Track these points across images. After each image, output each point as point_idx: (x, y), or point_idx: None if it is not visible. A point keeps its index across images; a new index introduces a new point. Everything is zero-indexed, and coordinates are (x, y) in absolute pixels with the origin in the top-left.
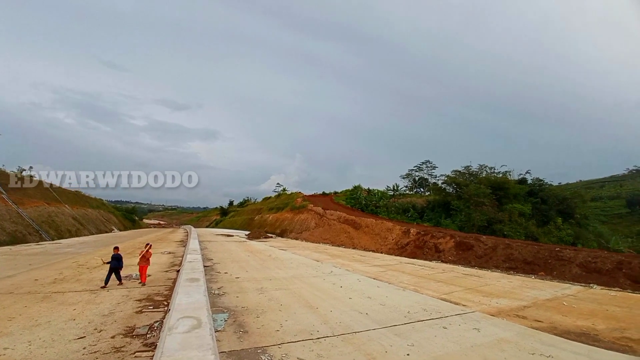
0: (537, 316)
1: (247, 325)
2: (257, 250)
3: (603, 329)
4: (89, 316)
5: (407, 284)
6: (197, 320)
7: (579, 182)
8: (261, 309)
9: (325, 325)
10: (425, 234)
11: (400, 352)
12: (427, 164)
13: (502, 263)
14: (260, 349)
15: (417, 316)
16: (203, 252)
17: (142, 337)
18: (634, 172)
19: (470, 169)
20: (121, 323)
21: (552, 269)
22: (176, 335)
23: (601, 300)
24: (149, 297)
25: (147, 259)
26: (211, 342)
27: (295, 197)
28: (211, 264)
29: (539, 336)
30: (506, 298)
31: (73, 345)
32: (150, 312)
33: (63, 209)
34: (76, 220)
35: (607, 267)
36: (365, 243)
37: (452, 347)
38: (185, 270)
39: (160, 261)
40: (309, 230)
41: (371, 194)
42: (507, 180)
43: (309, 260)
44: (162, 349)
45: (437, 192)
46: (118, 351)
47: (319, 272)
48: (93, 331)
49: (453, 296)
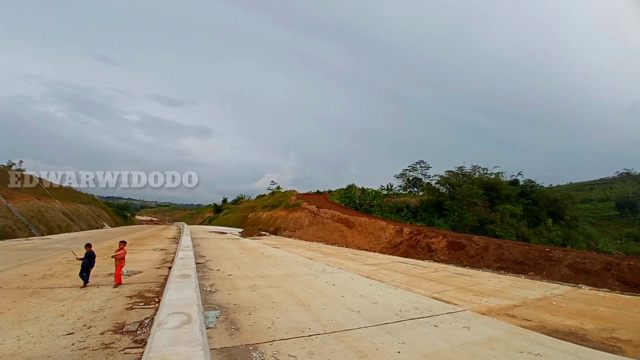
0: (526, 315)
1: (238, 322)
2: (250, 248)
3: (591, 329)
4: (78, 312)
5: (400, 282)
6: (187, 316)
7: (570, 184)
8: (253, 307)
9: (317, 322)
10: (418, 234)
11: (391, 350)
12: (421, 164)
13: (494, 263)
14: (252, 346)
15: (408, 314)
16: (196, 249)
17: (132, 334)
18: (623, 175)
19: (463, 170)
20: (111, 319)
21: (542, 269)
22: (165, 331)
23: (589, 300)
24: (140, 293)
25: (122, 258)
26: (201, 338)
27: (289, 195)
28: (204, 261)
29: (528, 335)
30: (496, 297)
31: (62, 341)
32: (141, 309)
33: (53, 204)
34: (66, 216)
35: (595, 268)
36: (358, 242)
37: (443, 345)
38: (176, 266)
39: (152, 258)
40: (303, 228)
41: (365, 193)
42: (500, 181)
43: (302, 259)
44: (151, 344)
45: (430, 192)
46: (107, 347)
47: (312, 270)
48: (82, 327)
49: (444, 295)
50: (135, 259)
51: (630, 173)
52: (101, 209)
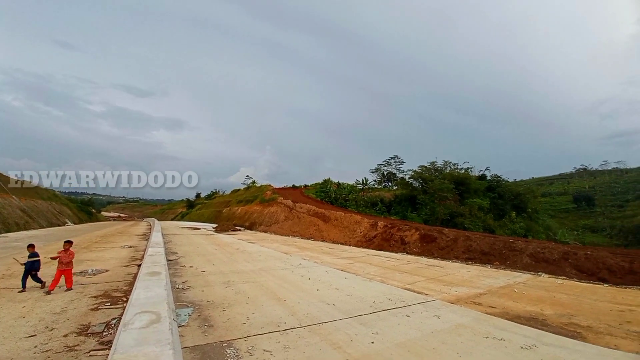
0: (491, 303)
1: (212, 319)
2: (224, 244)
3: (551, 315)
4: (40, 314)
5: (374, 275)
6: (156, 315)
7: (532, 179)
8: (227, 303)
9: (292, 317)
10: (392, 227)
11: (365, 341)
12: (396, 159)
13: (462, 254)
14: (226, 343)
15: (382, 306)
16: (167, 245)
17: (98, 335)
18: (580, 171)
19: (435, 165)
20: (74, 321)
21: (506, 259)
22: (132, 331)
23: (549, 287)
24: (106, 293)
25: (69, 262)
26: (170, 337)
27: (264, 189)
28: (176, 258)
29: (493, 321)
30: (464, 286)
31: (24, 344)
32: (107, 309)
33: (10, 200)
34: (25, 213)
35: (554, 257)
36: (334, 236)
37: (414, 334)
38: (145, 264)
39: (120, 256)
40: (279, 223)
41: (341, 188)
42: (469, 176)
43: (278, 253)
44: (116, 345)
45: (404, 186)
46: (71, 350)
47: (288, 264)
48: (44, 329)
49: (416, 286)
50: (102, 257)
51: (587, 169)
52: (63, 205)
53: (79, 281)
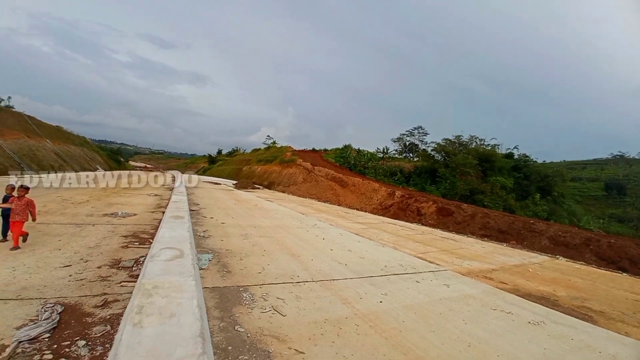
0: (502, 279)
1: (230, 266)
2: (243, 200)
3: (563, 296)
4: (75, 247)
5: (387, 241)
6: (180, 252)
7: (563, 162)
8: (245, 253)
9: (305, 271)
10: (409, 197)
11: (374, 300)
12: (419, 130)
13: (479, 230)
14: (242, 288)
15: (393, 270)
16: (189, 197)
17: (128, 269)
18: (617, 158)
19: (460, 139)
20: (107, 255)
21: (524, 239)
22: (158, 262)
23: (565, 270)
24: (135, 234)
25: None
26: (192, 270)
27: (284, 150)
28: (197, 209)
29: (502, 295)
30: (477, 261)
31: (59, 272)
32: (136, 248)
33: (44, 144)
34: (59, 157)
35: (575, 242)
36: (350, 201)
37: (422, 298)
38: (170, 209)
39: (146, 202)
40: (297, 184)
41: (360, 155)
42: (495, 153)
43: (294, 213)
44: (144, 273)
45: (425, 158)
46: (104, 280)
47: (303, 224)
48: (79, 261)
49: (428, 255)
50: (130, 202)
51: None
52: (94, 152)
53: (111, 221)
